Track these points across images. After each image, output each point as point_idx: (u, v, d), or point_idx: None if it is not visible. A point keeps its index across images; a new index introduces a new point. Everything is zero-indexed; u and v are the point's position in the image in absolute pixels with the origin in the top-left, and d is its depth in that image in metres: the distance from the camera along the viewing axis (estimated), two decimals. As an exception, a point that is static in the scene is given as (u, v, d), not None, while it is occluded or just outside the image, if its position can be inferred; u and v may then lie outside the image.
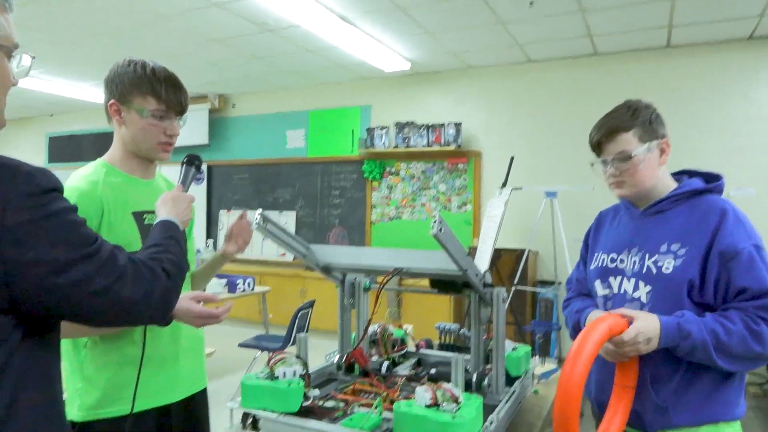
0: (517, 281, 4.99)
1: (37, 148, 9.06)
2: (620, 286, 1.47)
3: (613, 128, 1.43)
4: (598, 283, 1.54)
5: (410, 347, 1.87)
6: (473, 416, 1.15)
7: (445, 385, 1.24)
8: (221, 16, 4.47)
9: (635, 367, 1.38)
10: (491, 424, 1.25)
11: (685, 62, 5.01)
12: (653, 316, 1.31)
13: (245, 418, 1.30)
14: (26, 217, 0.79)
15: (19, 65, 0.90)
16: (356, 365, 1.62)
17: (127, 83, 1.35)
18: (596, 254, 1.59)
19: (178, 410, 1.42)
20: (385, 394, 1.41)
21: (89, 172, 1.38)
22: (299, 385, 1.28)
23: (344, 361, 1.61)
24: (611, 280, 1.50)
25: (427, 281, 1.57)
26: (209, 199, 7.52)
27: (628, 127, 1.42)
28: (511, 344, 1.73)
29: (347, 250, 1.56)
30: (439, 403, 1.17)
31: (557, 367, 2.07)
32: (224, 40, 5.10)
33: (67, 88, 6.91)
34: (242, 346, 4.27)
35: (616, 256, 1.51)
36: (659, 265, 1.39)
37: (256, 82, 6.70)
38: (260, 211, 1.40)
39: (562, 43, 5.05)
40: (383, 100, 6.42)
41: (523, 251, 5.08)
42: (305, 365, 1.39)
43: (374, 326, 1.75)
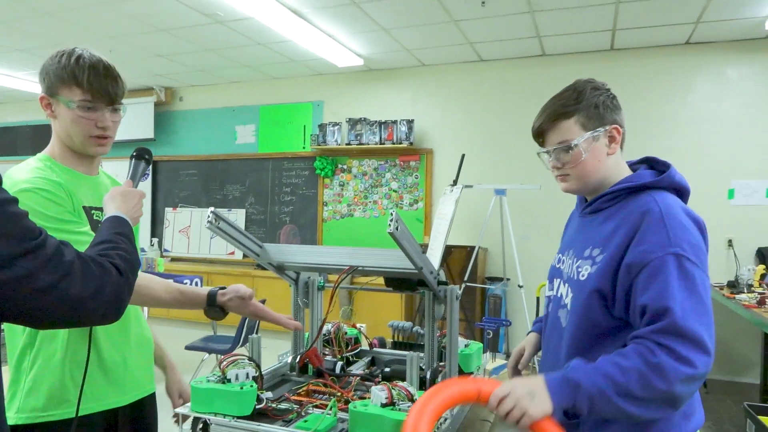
0: (467, 278, 5.07)
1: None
2: (558, 289, 1.38)
3: (552, 115, 1.28)
4: (548, 283, 1.49)
5: (364, 346, 1.86)
6: (429, 414, 1.15)
7: (400, 383, 1.24)
8: (169, 4, 4.32)
9: None
10: (446, 420, 1.26)
11: (627, 65, 5.21)
12: (537, 376, 1.14)
13: (195, 422, 1.26)
14: None
15: None
16: (310, 366, 1.59)
17: (52, 75, 1.28)
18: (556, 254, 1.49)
19: (125, 415, 1.36)
20: (339, 394, 1.40)
21: (37, 165, 1.30)
22: (252, 387, 1.25)
23: (298, 361, 1.59)
24: (555, 281, 1.42)
25: (379, 279, 1.57)
26: (154, 195, 7.27)
27: (569, 113, 1.26)
28: (463, 341, 1.75)
29: (301, 248, 1.53)
30: (395, 401, 1.17)
31: (506, 362, 2.11)
32: (172, 30, 4.93)
33: (1, 77, 6.52)
34: (189, 348, 4.15)
35: (560, 257, 1.43)
36: (579, 270, 1.27)
37: (205, 75, 6.52)
38: (212, 209, 1.35)
39: (512, 43, 5.15)
40: (336, 95, 6.38)
41: (473, 248, 5.16)
42: (258, 367, 1.36)
43: (328, 325, 1.73)
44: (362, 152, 6.18)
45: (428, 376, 1.47)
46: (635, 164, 1.36)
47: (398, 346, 1.90)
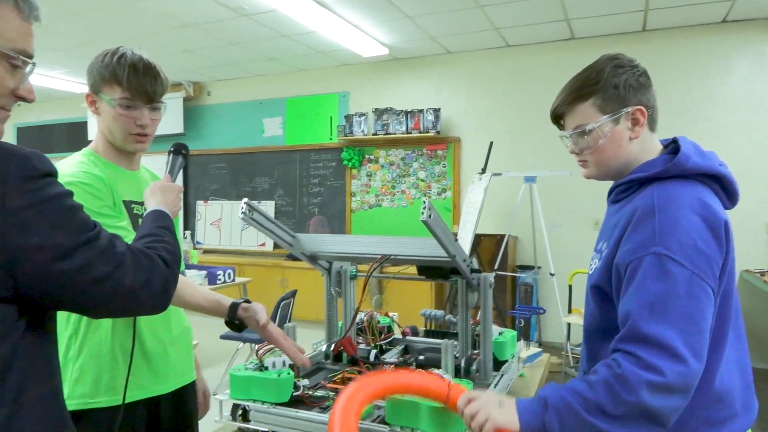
0: (497, 266, 5.03)
1: (5, 138, 8.74)
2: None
3: (568, 97, 1.20)
4: None
5: (397, 334, 1.87)
6: (465, 401, 1.15)
7: (435, 371, 1.23)
8: (195, 0, 4.36)
9: None
10: (482, 408, 1.26)
11: (660, 46, 5.07)
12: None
13: (235, 409, 1.28)
14: (27, 201, 0.77)
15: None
16: (344, 354, 1.61)
17: (96, 73, 1.34)
18: None
19: (167, 402, 1.40)
20: (374, 381, 1.41)
21: (81, 160, 1.36)
22: (289, 375, 1.27)
23: (332, 350, 1.60)
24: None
25: (411, 268, 1.56)
26: (186, 189, 7.40)
27: (585, 95, 1.17)
28: (497, 329, 1.74)
29: (333, 238, 1.54)
30: (430, 389, 1.17)
31: (541, 351, 2.09)
32: (198, 25, 4.99)
33: (35, 76, 6.67)
34: (224, 338, 4.23)
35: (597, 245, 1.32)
36: (591, 264, 1.22)
37: (231, 69, 6.58)
38: (245, 200, 1.37)
39: (539, 27, 5.05)
40: (361, 86, 6.37)
41: (503, 236, 5.12)
42: (294, 355, 1.37)
43: (361, 314, 1.74)
44: (389, 142, 6.17)
45: (462, 364, 1.47)
46: (666, 145, 1.23)
47: (431, 334, 1.90)
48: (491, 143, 5.03)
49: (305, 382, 1.38)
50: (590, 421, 0.98)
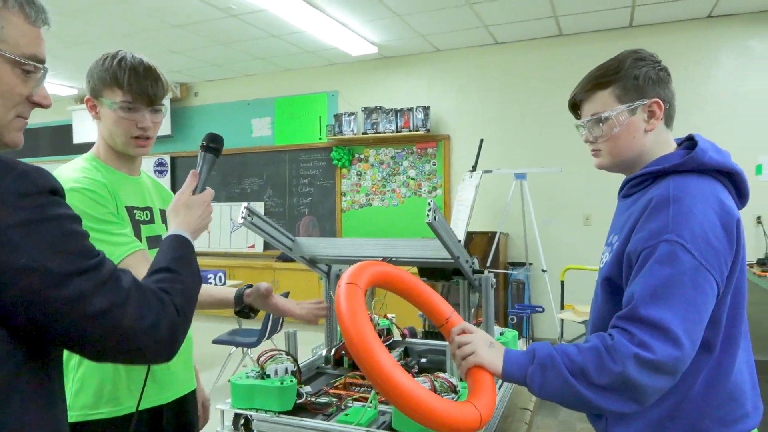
0: (489, 264, 5.03)
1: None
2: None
3: (588, 84, 1.22)
4: None
5: (396, 336, 1.85)
6: (472, 405, 1.14)
7: (441, 374, 1.22)
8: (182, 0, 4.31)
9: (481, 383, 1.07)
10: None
11: (647, 42, 5.09)
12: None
13: (237, 419, 1.26)
14: (19, 218, 0.71)
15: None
16: (345, 358, 1.59)
17: (96, 77, 1.32)
18: None
19: (169, 411, 1.37)
20: (378, 386, 1.39)
21: (84, 165, 1.33)
22: (292, 382, 1.25)
23: (333, 354, 1.58)
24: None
25: (411, 269, 1.55)
26: (174, 192, 7.29)
27: (606, 83, 1.19)
28: (498, 329, 1.73)
29: (333, 241, 1.52)
30: (437, 393, 1.15)
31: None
32: (186, 25, 4.93)
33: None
34: (216, 342, 4.19)
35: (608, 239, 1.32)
36: (602, 258, 1.23)
37: (219, 69, 6.52)
38: (246, 205, 1.35)
39: (527, 24, 5.06)
40: (351, 85, 6.34)
41: (494, 234, 5.12)
42: (296, 361, 1.35)
43: (360, 317, 1.72)
44: (379, 141, 6.14)
45: (466, 365, 1.45)
46: (681, 143, 1.24)
47: (429, 335, 1.89)
48: (481, 140, 5.03)
49: (308, 389, 1.36)
50: (572, 383, 1.00)
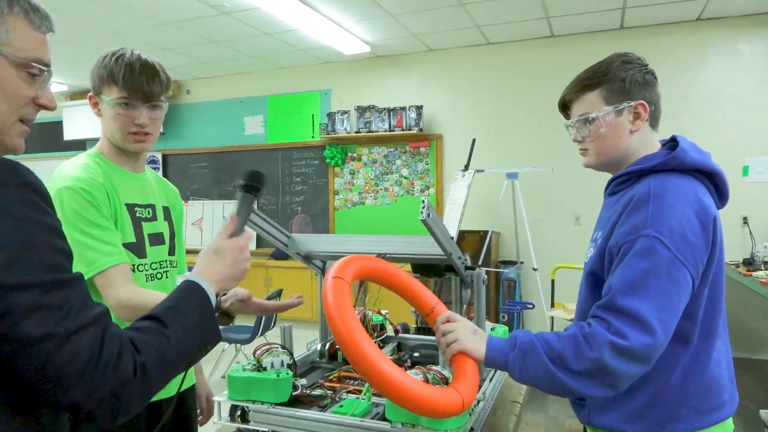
0: (480, 262, 5.07)
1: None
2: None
3: (577, 86, 1.27)
4: None
5: (389, 332, 1.88)
6: (464, 397, 1.17)
7: (434, 367, 1.25)
8: (175, -2, 4.31)
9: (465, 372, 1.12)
10: (479, 402, 1.28)
11: (637, 43, 5.15)
12: None
13: (233, 410, 1.28)
14: None
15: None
16: (339, 353, 1.61)
17: (96, 74, 1.35)
18: None
19: (168, 407, 1.38)
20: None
21: (86, 162, 1.35)
22: (288, 375, 1.27)
23: (328, 348, 1.61)
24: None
25: (405, 266, 1.58)
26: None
27: (594, 85, 1.23)
28: (489, 325, 1.77)
29: (328, 237, 1.55)
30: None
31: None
32: (178, 23, 4.92)
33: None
34: (209, 337, 4.20)
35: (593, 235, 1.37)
36: (587, 254, 1.28)
37: (211, 67, 6.52)
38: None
39: (520, 25, 5.10)
40: (344, 83, 6.36)
41: (486, 232, 5.17)
42: (291, 355, 1.38)
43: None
44: (372, 140, 6.17)
45: (458, 359, 1.49)
46: (665, 143, 1.30)
47: (422, 331, 1.92)
48: (474, 140, 5.07)
49: (303, 381, 1.38)
50: (551, 369, 1.06)
